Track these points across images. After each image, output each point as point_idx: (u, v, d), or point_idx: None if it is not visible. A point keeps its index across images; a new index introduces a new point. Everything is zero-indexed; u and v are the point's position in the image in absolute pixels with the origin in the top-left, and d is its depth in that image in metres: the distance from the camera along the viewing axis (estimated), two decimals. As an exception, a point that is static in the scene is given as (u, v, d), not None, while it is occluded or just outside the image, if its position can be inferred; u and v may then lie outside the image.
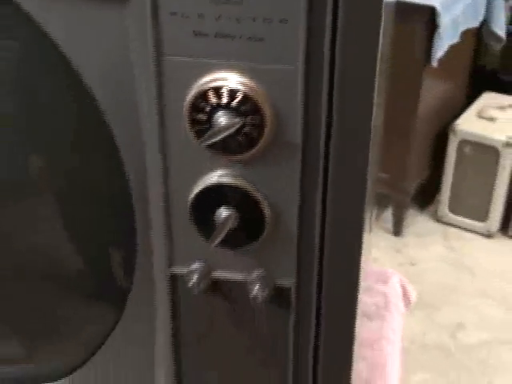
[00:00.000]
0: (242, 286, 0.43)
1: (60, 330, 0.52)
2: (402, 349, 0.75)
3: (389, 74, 0.67)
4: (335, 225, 0.41)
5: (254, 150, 0.38)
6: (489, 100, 2.29)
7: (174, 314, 0.45)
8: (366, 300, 0.76)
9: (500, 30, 2.24)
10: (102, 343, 0.50)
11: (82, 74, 0.40)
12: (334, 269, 0.42)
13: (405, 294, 0.81)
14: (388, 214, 2.22)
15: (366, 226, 0.42)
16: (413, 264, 2.07)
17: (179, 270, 0.43)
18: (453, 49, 2.03)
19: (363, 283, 0.45)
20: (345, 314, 0.44)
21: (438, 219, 2.25)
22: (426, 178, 2.23)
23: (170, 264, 0.43)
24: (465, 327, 1.82)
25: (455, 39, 2.01)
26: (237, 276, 0.43)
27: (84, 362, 0.52)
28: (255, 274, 0.42)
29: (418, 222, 2.26)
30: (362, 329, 0.70)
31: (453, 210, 2.22)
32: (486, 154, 2.11)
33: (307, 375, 0.46)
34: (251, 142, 0.38)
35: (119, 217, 0.45)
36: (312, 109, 0.37)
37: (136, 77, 0.39)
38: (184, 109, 0.38)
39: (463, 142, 2.14)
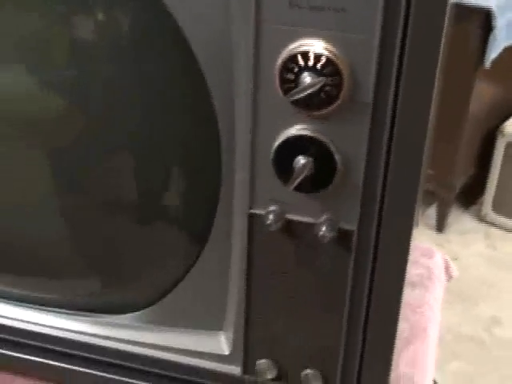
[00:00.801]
0: (311, 227, 0.49)
1: (145, 265, 0.59)
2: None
3: (444, 70, 0.72)
4: (395, 179, 0.47)
5: (331, 107, 0.44)
6: (539, 105, 2.30)
7: (250, 251, 0.52)
8: (410, 271, 0.82)
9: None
10: (182, 277, 0.57)
11: (189, 37, 0.47)
12: (391, 218, 0.48)
13: (447, 269, 0.86)
14: (432, 210, 2.26)
15: (420, 188, 0.48)
16: (454, 259, 2.10)
17: (258, 210, 0.50)
18: (506, 51, 2.05)
19: (410, 256, 0.51)
20: (397, 260, 0.50)
21: (482, 218, 2.28)
22: (472, 176, 2.26)
23: (251, 205, 0.50)
24: (501, 323, 1.85)
25: (510, 41, 2.03)
26: (307, 218, 0.49)
27: (164, 295, 0.59)
28: (323, 217, 0.49)
29: (461, 220, 2.29)
30: (406, 295, 0.76)
31: (496, 210, 2.25)
32: (532, 157, 2.13)
33: (360, 315, 0.53)
34: (330, 100, 0.44)
35: (207, 164, 0.52)
36: (383, 75, 0.44)
37: (234, 40, 0.46)
38: (275, 69, 0.44)
39: (511, 144, 2.16)
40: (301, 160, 0.46)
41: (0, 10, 0.54)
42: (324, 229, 0.48)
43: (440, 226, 2.22)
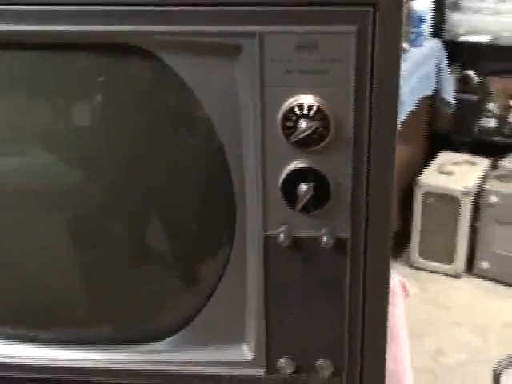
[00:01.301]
0: (314, 240, 0.63)
1: (175, 296, 0.71)
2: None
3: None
4: (374, 194, 0.61)
5: (323, 144, 0.59)
6: (445, 158, 2.55)
7: (266, 267, 0.65)
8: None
9: (449, 96, 2.53)
10: (205, 303, 0.69)
11: (203, 105, 0.61)
12: (374, 224, 0.62)
13: (404, 288, 1.01)
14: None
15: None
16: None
17: (271, 232, 0.63)
18: (411, 114, 2.29)
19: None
20: (382, 257, 0.64)
21: (411, 264, 2.46)
22: (397, 228, 2.46)
23: (265, 229, 0.63)
24: (445, 352, 2.01)
25: (413, 106, 2.28)
26: (311, 233, 0.63)
27: (191, 320, 0.70)
28: (323, 230, 0.62)
29: (392, 268, 2.47)
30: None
31: (423, 255, 2.44)
32: (447, 203, 2.35)
33: (358, 309, 0.66)
34: (321, 138, 0.59)
35: (222, 204, 0.65)
36: (359, 116, 0.59)
37: (241, 103, 0.60)
38: (278, 119, 0.59)
39: (427, 194, 2.38)
40: (303, 187, 0.60)
41: (23, 102, 0.67)
42: (325, 239, 0.62)
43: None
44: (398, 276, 1.01)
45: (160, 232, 0.70)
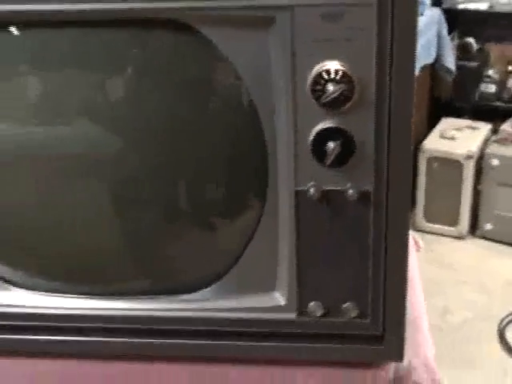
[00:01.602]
0: (341, 193, 0.69)
1: (215, 246, 0.77)
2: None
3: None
4: (394, 152, 0.67)
5: (348, 105, 0.65)
6: (447, 123, 2.61)
7: (297, 219, 0.71)
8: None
9: (450, 64, 2.58)
10: (242, 253, 0.75)
11: (240, 72, 0.67)
12: (395, 178, 0.68)
13: (416, 242, 1.07)
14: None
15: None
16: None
17: (302, 187, 0.69)
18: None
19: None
20: (402, 207, 0.70)
21: (416, 228, 2.53)
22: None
23: (296, 184, 0.69)
24: (451, 310, 2.08)
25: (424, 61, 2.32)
26: (338, 186, 0.69)
27: (229, 269, 0.76)
28: (349, 184, 0.69)
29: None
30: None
31: (428, 218, 2.51)
32: (450, 167, 2.41)
33: (380, 256, 0.72)
34: (347, 100, 0.65)
35: (257, 160, 0.71)
36: (380, 80, 0.65)
37: (274, 70, 0.66)
38: (308, 83, 0.65)
39: (431, 159, 2.44)
40: (331, 144, 0.66)
41: (70, 75, 0.73)
42: (350, 192, 0.69)
43: (382, 240, 2.46)
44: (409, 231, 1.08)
45: (197, 190, 0.76)
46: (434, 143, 2.46)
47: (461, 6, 2.63)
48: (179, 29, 0.66)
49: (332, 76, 0.64)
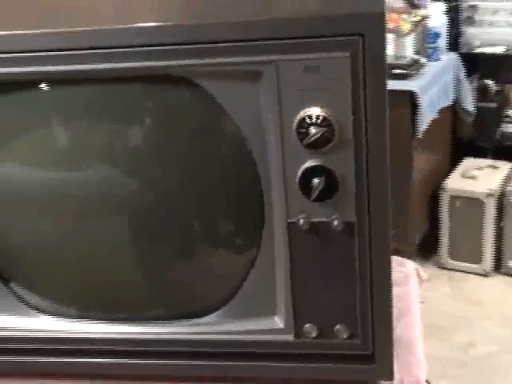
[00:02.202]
0: (328, 224, 0.76)
1: (221, 277, 0.85)
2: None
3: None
4: (373, 184, 0.75)
5: (329, 146, 0.73)
6: (469, 163, 2.66)
7: (290, 249, 0.78)
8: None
9: (469, 105, 2.64)
10: (241, 284, 0.83)
11: (234, 119, 0.75)
12: (375, 209, 0.76)
13: (418, 273, 1.13)
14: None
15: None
16: (423, 302, 2.37)
17: (293, 219, 0.77)
18: (434, 123, 2.41)
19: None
20: (383, 235, 0.77)
21: (441, 266, 2.56)
22: (427, 231, 2.57)
23: (288, 217, 0.77)
24: (475, 344, 2.11)
25: (434, 116, 2.40)
26: (324, 218, 0.76)
27: (231, 298, 0.84)
28: (334, 216, 0.76)
29: (425, 271, 2.58)
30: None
31: (452, 256, 2.55)
32: (472, 205, 2.46)
33: (366, 280, 0.79)
34: (328, 141, 0.73)
35: (253, 199, 0.79)
36: (356, 123, 0.73)
37: (264, 116, 0.74)
38: (293, 126, 0.73)
39: (453, 198, 2.49)
40: (316, 181, 0.74)
41: (90, 125, 0.82)
42: (335, 223, 0.76)
43: (408, 278, 2.49)
44: (412, 263, 1.14)
45: (204, 224, 0.85)
46: (456, 182, 2.51)
47: (478, 50, 2.70)
48: (181, 83, 0.75)
49: (314, 120, 0.73)
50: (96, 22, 0.79)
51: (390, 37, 2.49)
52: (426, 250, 2.60)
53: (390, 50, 2.49)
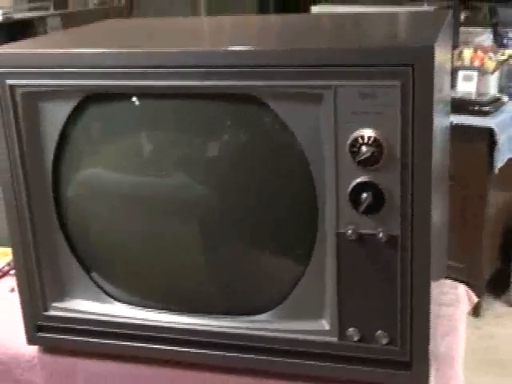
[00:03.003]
0: (373, 236, 0.83)
1: (278, 281, 0.93)
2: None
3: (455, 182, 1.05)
4: (417, 201, 0.81)
5: (378, 164, 0.80)
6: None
7: (338, 257, 0.85)
8: (444, 297, 1.13)
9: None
10: (294, 287, 0.90)
11: (296, 136, 0.83)
12: (417, 227, 0.82)
13: (469, 296, 1.17)
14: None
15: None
16: (491, 337, 2.35)
17: (342, 230, 0.84)
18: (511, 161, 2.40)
19: (442, 288, 0.82)
20: (424, 249, 0.82)
21: (511, 303, 2.53)
22: (499, 268, 2.55)
23: (337, 228, 0.84)
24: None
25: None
26: (371, 231, 0.83)
27: (285, 299, 0.91)
28: (380, 228, 0.82)
29: (495, 308, 2.55)
30: (442, 311, 1.06)
31: (524, 295, 2.51)
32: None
33: (407, 290, 0.84)
34: (377, 159, 0.80)
35: (310, 208, 0.87)
36: (404, 144, 0.79)
37: (323, 135, 0.82)
38: (347, 145, 0.80)
39: (527, 237, 2.46)
40: (364, 195, 0.81)
41: (167, 138, 0.92)
42: (380, 235, 0.82)
43: (476, 312, 2.48)
44: (463, 286, 1.18)
45: (266, 230, 0.92)
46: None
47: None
48: (252, 102, 0.84)
49: (366, 140, 0.80)
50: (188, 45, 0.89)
51: (474, 74, 2.52)
52: (497, 287, 2.58)
53: (473, 87, 2.51)
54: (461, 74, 2.46)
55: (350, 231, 0.84)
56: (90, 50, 0.90)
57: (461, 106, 2.35)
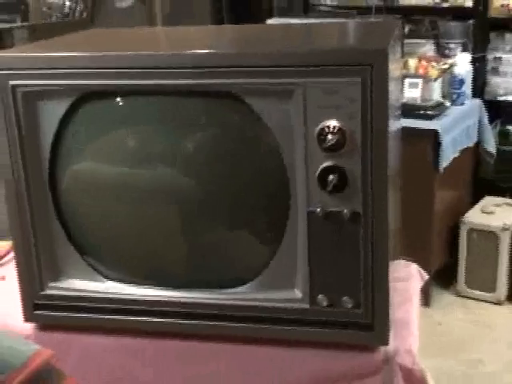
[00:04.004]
0: (339, 213, 0.94)
1: (255, 255, 1.03)
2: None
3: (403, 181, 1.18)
4: (376, 180, 0.93)
5: (342, 150, 0.92)
6: (488, 201, 2.79)
7: (309, 232, 0.96)
8: (397, 273, 1.25)
9: (491, 148, 2.79)
10: (271, 258, 1.01)
11: (270, 127, 0.94)
12: (378, 201, 0.93)
13: (421, 274, 1.30)
14: (418, 292, 2.68)
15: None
16: (439, 324, 2.50)
17: (312, 208, 0.95)
18: (456, 161, 2.56)
19: (395, 266, 0.95)
20: (383, 225, 0.94)
21: (458, 293, 2.69)
22: (446, 261, 2.70)
23: (308, 206, 0.95)
24: (484, 362, 2.23)
25: (456, 154, 2.55)
26: (336, 208, 0.94)
27: (260, 272, 1.02)
28: (344, 207, 0.94)
29: (443, 298, 2.71)
30: (397, 284, 1.18)
31: (469, 285, 2.67)
32: (488, 238, 2.59)
33: (368, 259, 0.96)
34: (341, 146, 0.91)
35: (283, 190, 0.98)
36: (364, 132, 0.91)
37: (294, 126, 0.93)
38: (315, 134, 0.92)
39: (471, 231, 2.62)
40: (331, 177, 0.92)
41: (153, 133, 1.02)
42: (345, 212, 0.94)
43: (425, 302, 2.63)
44: (415, 265, 1.30)
45: (244, 210, 1.03)
46: (474, 217, 2.64)
47: (501, 98, 2.86)
48: (230, 98, 0.95)
49: (331, 130, 0.91)
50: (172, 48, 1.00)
51: (419, 82, 2.67)
52: (445, 279, 2.73)
53: (418, 93, 2.67)
54: (407, 81, 2.62)
55: (318, 209, 0.95)
56: (83, 54, 1.00)
57: (408, 110, 2.50)
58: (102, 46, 1.17)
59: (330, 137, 0.91)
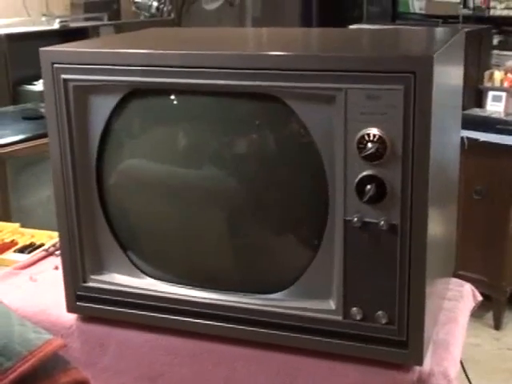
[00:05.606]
0: (376, 224, 0.91)
1: (290, 263, 1.02)
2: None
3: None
4: (416, 192, 0.89)
5: (382, 160, 0.89)
6: None
7: (345, 241, 0.94)
8: (448, 293, 1.20)
9: None
10: (307, 267, 0.99)
11: (311, 133, 0.93)
12: (416, 216, 0.90)
13: (474, 294, 1.24)
14: (490, 314, 2.57)
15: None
16: (509, 349, 2.38)
17: (349, 217, 0.93)
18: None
19: (447, 285, 0.91)
20: (421, 238, 0.91)
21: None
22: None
23: (345, 215, 0.93)
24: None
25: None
26: (374, 219, 0.91)
27: (297, 279, 1.00)
28: (382, 217, 0.91)
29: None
30: (444, 304, 1.14)
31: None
32: None
33: (405, 274, 0.92)
34: (381, 155, 0.88)
35: (323, 198, 0.96)
36: (405, 142, 0.88)
37: (334, 132, 0.91)
38: (355, 141, 0.89)
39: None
40: (368, 186, 0.90)
41: (200, 133, 1.02)
42: (382, 223, 0.91)
43: (497, 324, 2.52)
44: (469, 285, 1.24)
45: (282, 219, 1.02)
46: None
47: None
48: (272, 101, 0.94)
49: (371, 138, 0.89)
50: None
51: (502, 95, 2.57)
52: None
53: (501, 107, 2.56)
54: (490, 94, 2.53)
55: (355, 219, 0.92)
56: (134, 51, 1.01)
57: (489, 124, 2.41)
58: (154, 44, 1.18)
59: (369, 145, 0.89)
